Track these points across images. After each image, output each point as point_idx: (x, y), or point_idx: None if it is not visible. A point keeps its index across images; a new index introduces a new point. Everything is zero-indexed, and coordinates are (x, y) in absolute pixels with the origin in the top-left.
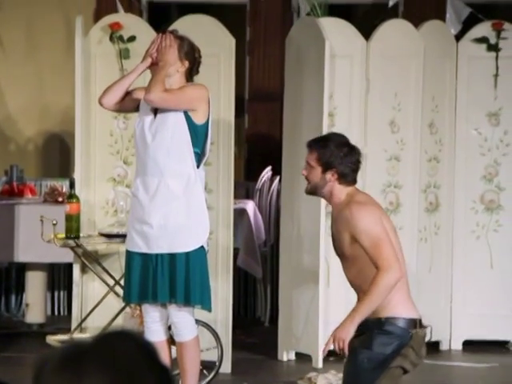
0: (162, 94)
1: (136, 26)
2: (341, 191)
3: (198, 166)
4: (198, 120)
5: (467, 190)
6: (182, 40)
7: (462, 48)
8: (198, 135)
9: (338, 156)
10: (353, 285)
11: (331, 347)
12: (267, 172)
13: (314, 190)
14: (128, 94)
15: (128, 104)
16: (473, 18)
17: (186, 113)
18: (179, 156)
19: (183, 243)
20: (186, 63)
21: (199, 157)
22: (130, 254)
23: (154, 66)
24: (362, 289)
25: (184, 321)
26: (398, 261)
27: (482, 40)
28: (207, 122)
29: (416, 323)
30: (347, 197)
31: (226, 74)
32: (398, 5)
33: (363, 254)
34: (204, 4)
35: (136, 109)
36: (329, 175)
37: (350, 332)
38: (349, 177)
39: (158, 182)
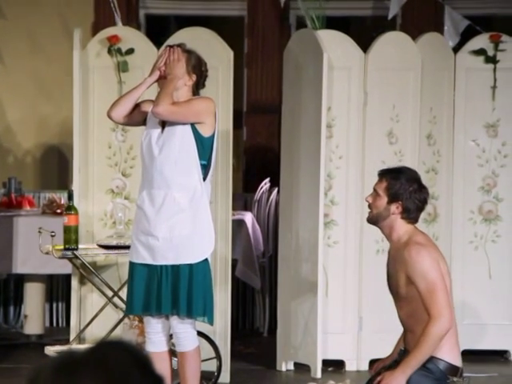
0: (169, 107)
1: (134, 38)
2: (401, 227)
3: (204, 179)
4: (205, 132)
5: (465, 200)
6: (189, 54)
7: (459, 60)
8: (205, 147)
9: (406, 190)
10: (404, 324)
11: None
12: (265, 183)
13: (375, 219)
14: (136, 107)
15: (136, 117)
16: (471, 30)
17: (192, 125)
18: (186, 169)
19: (188, 255)
20: (194, 77)
21: (205, 169)
22: (133, 266)
23: (161, 80)
24: (412, 329)
25: (186, 331)
26: (449, 309)
27: (480, 52)
28: (213, 134)
29: (457, 372)
30: (406, 235)
31: (224, 87)
32: (395, 17)
33: (418, 295)
34: (202, 17)
35: (143, 122)
36: (393, 207)
37: (400, 383)
38: (412, 213)
39: (165, 195)
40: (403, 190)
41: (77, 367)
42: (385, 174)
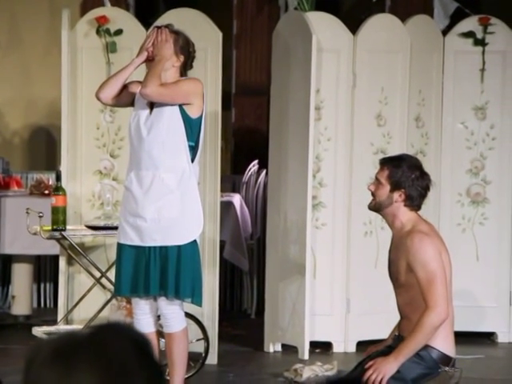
0: (158, 89)
1: (123, 19)
2: (404, 214)
3: (192, 160)
4: (193, 114)
5: (453, 183)
6: (177, 34)
7: (448, 42)
8: (193, 129)
9: (408, 177)
10: (401, 311)
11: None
12: (254, 165)
13: (378, 207)
14: (124, 88)
15: (124, 98)
16: (460, 12)
17: (181, 107)
18: (174, 150)
19: (176, 237)
20: (182, 58)
21: (193, 150)
22: (121, 247)
23: (149, 61)
24: (408, 317)
25: (174, 312)
26: (446, 301)
27: (469, 34)
28: (201, 115)
29: (450, 362)
30: (409, 223)
31: (212, 68)
32: None
33: (417, 284)
34: None
35: (132, 103)
36: (396, 195)
37: (392, 369)
38: (415, 201)
39: (153, 176)
40: (405, 177)
41: (76, 351)
42: (386, 163)
